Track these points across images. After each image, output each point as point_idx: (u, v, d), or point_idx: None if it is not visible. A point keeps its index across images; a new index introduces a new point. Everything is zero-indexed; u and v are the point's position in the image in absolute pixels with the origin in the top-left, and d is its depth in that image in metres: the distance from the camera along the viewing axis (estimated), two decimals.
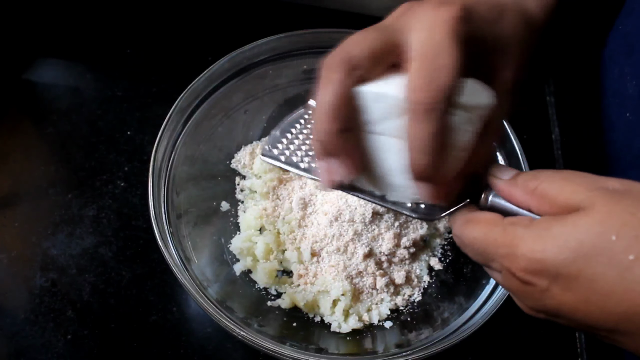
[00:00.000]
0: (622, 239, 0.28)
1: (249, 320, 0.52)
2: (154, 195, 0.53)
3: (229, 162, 0.64)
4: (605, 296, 0.29)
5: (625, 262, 0.28)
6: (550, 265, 0.30)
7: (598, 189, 0.31)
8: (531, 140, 0.66)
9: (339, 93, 0.33)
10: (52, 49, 0.73)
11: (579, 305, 0.30)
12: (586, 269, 0.29)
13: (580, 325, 0.31)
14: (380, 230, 0.57)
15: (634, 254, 0.28)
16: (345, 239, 0.56)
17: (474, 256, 0.36)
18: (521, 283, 0.32)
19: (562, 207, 0.32)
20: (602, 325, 0.30)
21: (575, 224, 0.30)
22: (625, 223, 0.28)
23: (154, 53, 0.74)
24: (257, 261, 0.58)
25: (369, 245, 0.56)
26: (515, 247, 0.32)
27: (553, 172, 0.34)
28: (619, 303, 0.28)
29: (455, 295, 0.57)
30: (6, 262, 0.59)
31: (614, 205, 0.29)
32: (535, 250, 0.31)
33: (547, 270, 0.30)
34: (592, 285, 0.29)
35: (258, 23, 0.42)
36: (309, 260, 0.57)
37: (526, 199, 0.34)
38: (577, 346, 0.60)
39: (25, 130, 0.68)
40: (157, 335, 0.57)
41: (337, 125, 0.34)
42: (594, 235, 0.29)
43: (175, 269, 0.50)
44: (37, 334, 0.56)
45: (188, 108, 0.58)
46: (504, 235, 0.33)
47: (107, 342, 0.56)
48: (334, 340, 0.55)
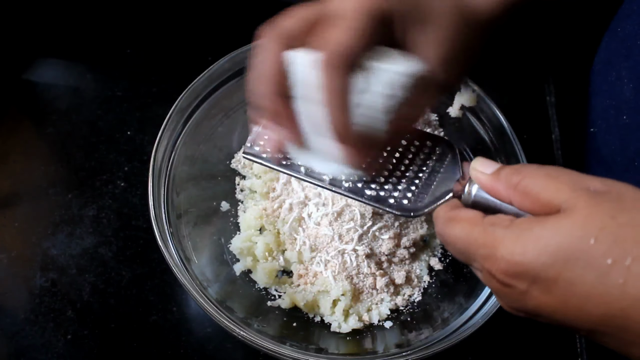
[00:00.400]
0: (600, 243, 0.28)
1: (249, 320, 0.52)
2: (154, 195, 0.53)
3: (229, 162, 0.64)
4: (583, 299, 0.29)
5: (603, 266, 0.28)
6: (530, 268, 0.30)
7: (581, 189, 0.31)
8: (531, 140, 0.66)
9: (272, 58, 0.37)
10: (52, 49, 0.73)
11: (557, 307, 0.30)
12: (565, 273, 0.29)
13: (560, 325, 0.32)
14: (380, 230, 0.57)
15: (612, 257, 0.28)
16: (345, 239, 0.56)
17: (456, 254, 0.36)
18: (501, 285, 0.32)
19: (544, 205, 0.32)
20: (581, 327, 0.30)
21: (555, 227, 0.30)
22: (604, 227, 0.29)
23: (154, 53, 0.74)
24: (257, 261, 0.58)
25: (369, 245, 0.56)
26: (495, 248, 0.32)
27: (536, 168, 0.34)
28: (597, 306, 0.29)
29: (455, 295, 0.57)
30: (6, 262, 0.59)
31: (594, 207, 0.29)
32: (514, 252, 0.31)
33: (526, 273, 0.30)
34: (570, 289, 0.29)
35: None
36: (309, 260, 0.57)
37: (509, 193, 0.34)
38: (577, 346, 0.60)
39: (25, 130, 0.68)
40: (157, 335, 0.57)
41: (272, 87, 0.37)
42: (573, 238, 0.29)
43: (175, 269, 0.50)
44: (37, 334, 0.56)
45: (188, 108, 0.58)
46: (485, 236, 0.33)
47: (107, 342, 0.56)
48: (334, 340, 0.55)
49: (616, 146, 0.52)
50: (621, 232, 0.28)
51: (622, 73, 0.52)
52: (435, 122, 0.64)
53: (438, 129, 0.64)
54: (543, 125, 0.72)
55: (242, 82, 0.62)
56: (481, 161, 0.37)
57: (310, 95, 0.38)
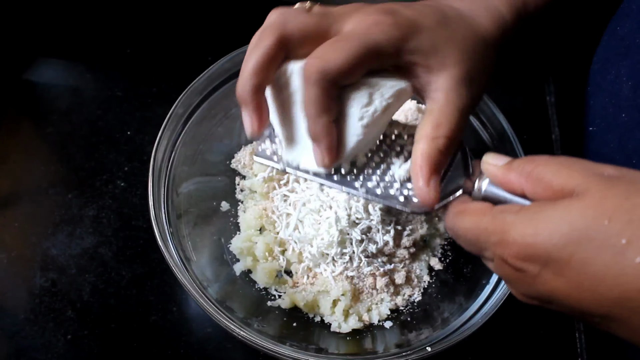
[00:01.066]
0: (615, 222, 0.28)
1: (249, 320, 0.52)
2: (154, 195, 0.53)
3: (229, 162, 0.64)
4: (598, 280, 0.28)
5: (618, 246, 0.28)
6: (542, 249, 0.30)
7: (594, 175, 0.31)
8: (531, 140, 0.66)
9: (264, 56, 0.38)
10: (52, 49, 0.73)
11: (571, 290, 0.30)
12: (578, 253, 0.29)
13: (574, 311, 0.31)
14: (381, 231, 0.57)
15: (626, 237, 0.27)
16: (345, 239, 0.56)
17: (467, 247, 0.36)
18: (513, 270, 0.32)
19: (557, 191, 0.32)
20: (595, 311, 0.30)
21: (567, 208, 0.29)
22: (619, 207, 0.28)
23: (154, 53, 0.74)
24: (257, 261, 0.58)
25: (369, 245, 0.56)
26: (506, 233, 0.32)
27: (549, 157, 0.34)
28: (612, 288, 0.28)
29: (455, 295, 0.57)
30: (6, 262, 0.60)
31: (607, 190, 0.29)
32: (526, 234, 0.30)
33: (538, 255, 0.30)
34: (584, 270, 0.29)
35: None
36: (309, 261, 0.57)
37: (521, 182, 0.34)
38: (577, 346, 0.60)
39: (25, 130, 0.68)
40: (157, 335, 0.57)
41: (255, 80, 0.38)
42: (586, 219, 0.29)
43: (175, 269, 0.50)
44: (37, 334, 0.56)
45: (188, 108, 0.58)
46: (494, 223, 0.33)
47: (107, 342, 0.56)
48: (334, 340, 0.55)
49: (615, 144, 0.52)
50: (636, 211, 0.28)
51: (620, 71, 0.52)
52: None
53: None
54: (543, 125, 0.72)
55: None
56: (493, 155, 0.37)
57: (297, 97, 0.40)
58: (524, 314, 0.57)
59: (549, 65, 0.75)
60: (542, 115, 0.72)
